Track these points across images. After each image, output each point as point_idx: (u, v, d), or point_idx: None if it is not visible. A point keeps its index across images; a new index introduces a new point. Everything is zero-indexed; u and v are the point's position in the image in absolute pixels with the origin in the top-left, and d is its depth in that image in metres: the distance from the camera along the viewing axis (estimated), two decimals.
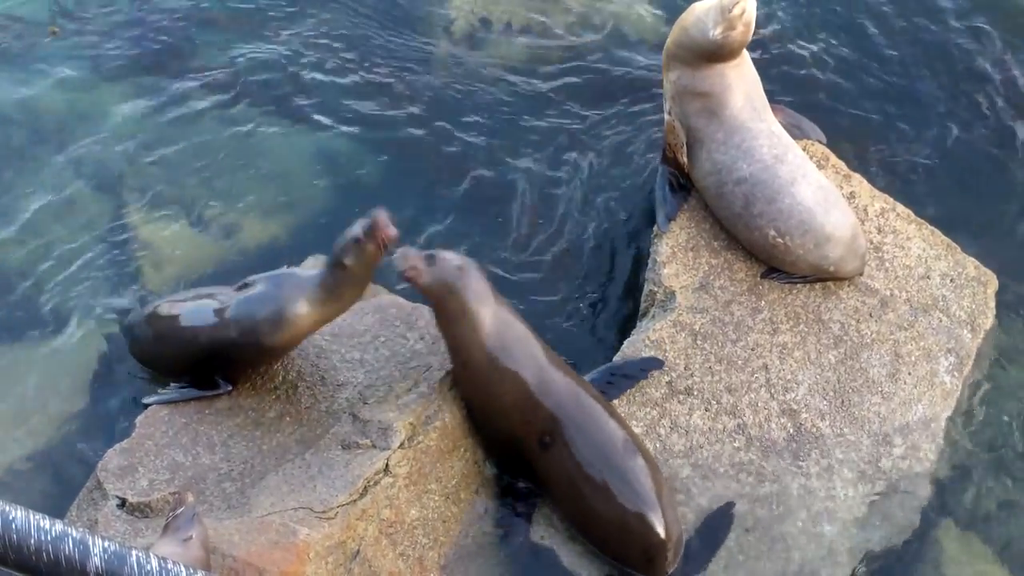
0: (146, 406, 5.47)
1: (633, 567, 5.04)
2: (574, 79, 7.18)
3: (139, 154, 6.83)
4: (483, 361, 5.13)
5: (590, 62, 7.28)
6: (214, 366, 5.46)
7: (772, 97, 5.90)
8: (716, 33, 5.50)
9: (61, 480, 5.50)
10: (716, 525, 5.16)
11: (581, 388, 5.17)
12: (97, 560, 2.12)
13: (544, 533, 5.17)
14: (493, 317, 5.14)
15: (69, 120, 6.99)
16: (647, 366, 5.47)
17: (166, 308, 5.64)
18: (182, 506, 4.50)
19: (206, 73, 7.23)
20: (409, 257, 5.10)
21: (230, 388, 5.48)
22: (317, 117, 7.03)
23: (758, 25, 5.86)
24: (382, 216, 5.02)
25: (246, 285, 5.44)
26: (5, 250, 6.42)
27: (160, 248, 6.41)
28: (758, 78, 5.80)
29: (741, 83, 5.70)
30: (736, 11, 5.42)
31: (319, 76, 7.23)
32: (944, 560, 5.34)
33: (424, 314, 5.69)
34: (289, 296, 5.23)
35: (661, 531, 4.94)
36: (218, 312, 5.41)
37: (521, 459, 5.22)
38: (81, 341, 6.01)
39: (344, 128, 6.99)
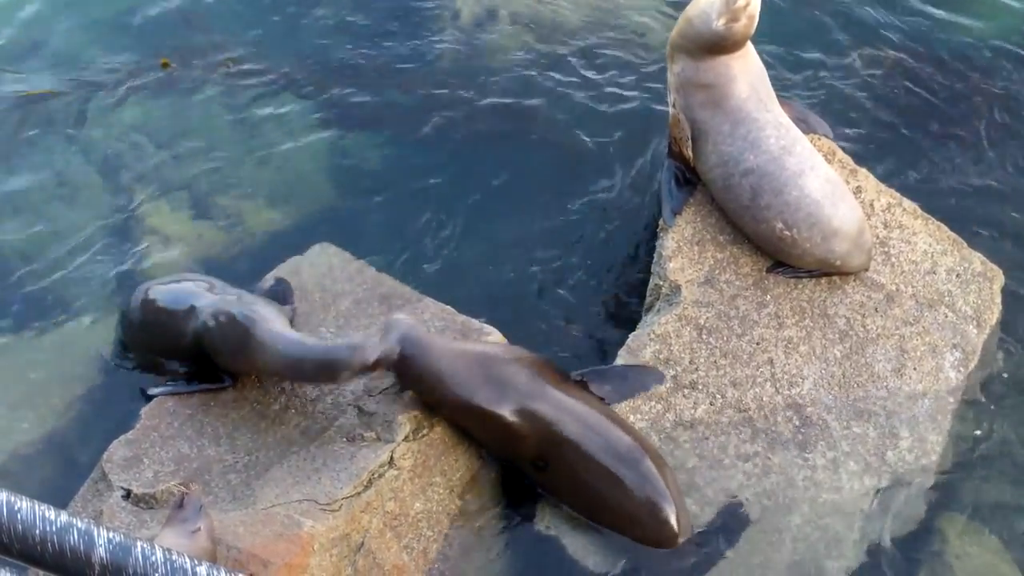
0: (151, 397, 5.49)
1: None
2: (578, 72, 7.18)
3: (145, 143, 6.85)
4: (455, 406, 5.16)
5: (595, 56, 7.27)
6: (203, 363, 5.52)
7: (777, 93, 5.89)
8: (719, 24, 5.49)
9: (66, 470, 5.51)
10: (727, 525, 5.16)
11: (573, 402, 5.14)
12: (102, 551, 2.12)
13: (549, 523, 5.18)
14: (452, 364, 5.13)
15: (75, 110, 7.00)
16: (652, 379, 5.45)
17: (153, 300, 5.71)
18: (188, 497, 4.50)
19: (212, 64, 7.24)
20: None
21: (232, 382, 5.49)
22: (322, 108, 7.05)
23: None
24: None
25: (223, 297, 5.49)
26: (12, 238, 6.44)
27: (166, 236, 6.42)
28: (764, 69, 5.78)
29: (745, 74, 5.68)
30: (740, 2, 5.41)
31: (325, 68, 7.24)
32: (949, 552, 5.34)
33: (429, 306, 5.70)
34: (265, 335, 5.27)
35: (674, 525, 4.99)
36: (195, 314, 5.46)
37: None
38: (87, 330, 6.02)
39: (349, 118, 7.00)
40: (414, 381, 5.18)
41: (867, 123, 6.94)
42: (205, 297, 5.47)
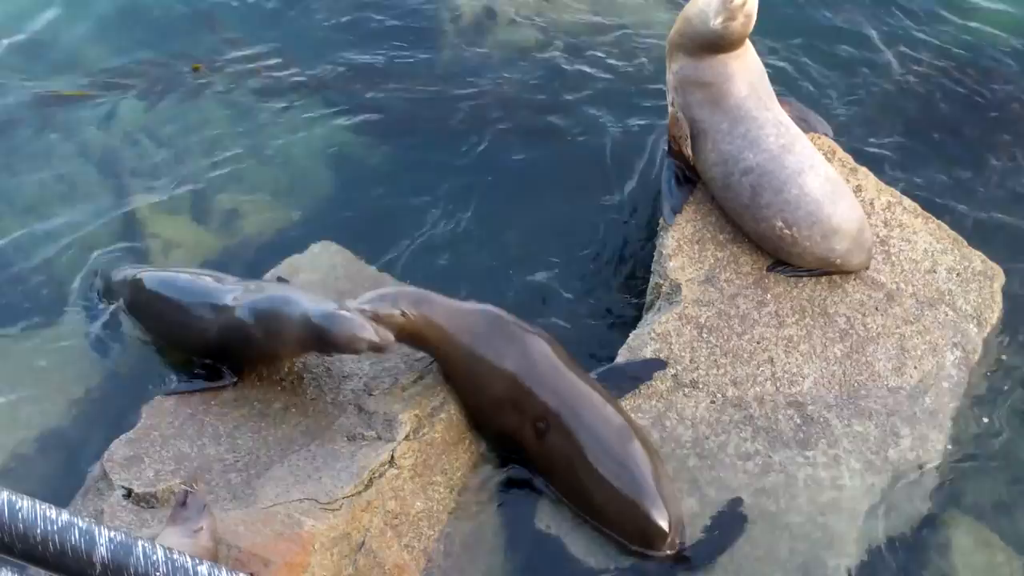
0: (152, 396, 5.49)
1: (634, 545, 5.06)
2: (579, 71, 7.18)
3: (146, 141, 6.85)
4: (465, 355, 5.18)
5: (596, 54, 7.27)
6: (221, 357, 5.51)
7: (777, 92, 5.89)
8: (717, 23, 5.51)
9: (66, 469, 5.50)
10: (726, 524, 5.16)
11: (577, 377, 5.19)
12: (103, 550, 2.12)
13: (549, 521, 5.18)
14: (463, 317, 5.21)
15: (76, 108, 7.01)
16: (652, 368, 5.46)
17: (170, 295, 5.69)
18: (192, 496, 4.50)
19: (212, 61, 7.24)
20: (367, 332, 5.08)
21: (235, 380, 5.49)
22: (323, 105, 7.07)
23: None
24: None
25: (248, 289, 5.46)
26: (12, 236, 6.44)
27: (167, 233, 6.42)
28: (763, 68, 5.80)
29: (744, 73, 5.69)
30: (737, 2, 5.43)
31: (325, 65, 7.25)
32: (951, 550, 5.34)
33: None
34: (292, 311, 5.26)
35: (662, 522, 4.96)
36: (225, 311, 5.43)
37: (518, 449, 5.26)
38: (88, 329, 6.01)
39: (350, 116, 7.01)
40: (423, 339, 5.24)
41: (869, 123, 6.94)
42: (226, 292, 5.47)
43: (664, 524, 4.96)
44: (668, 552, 4.99)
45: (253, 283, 5.52)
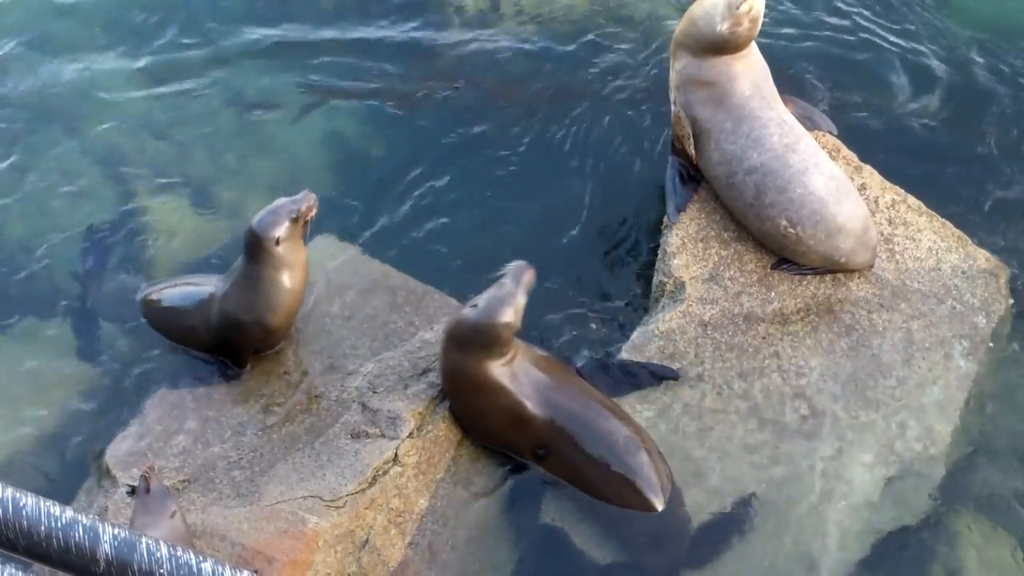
0: (156, 393, 5.50)
1: None
2: (585, 66, 7.17)
3: (148, 135, 6.85)
4: (473, 382, 5.19)
5: (602, 49, 7.26)
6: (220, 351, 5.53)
7: (782, 90, 5.88)
8: (723, 28, 5.52)
9: (70, 466, 5.51)
10: (732, 514, 5.18)
11: (575, 394, 5.21)
12: (107, 547, 2.12)
13: (554, 515, 5.19)
14: (494, 347, 5.16)
15: (79, 102, 7.01)
16: (663, 374, 5.47)
17: (166, 296, 5.77)
18: (151, 480, 4.45)
19: (215, 55, 7.25)
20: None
21: (239, 376, 5.51)
22: (325, 99, 7.04)
23: None
24: (312, 197, 5.39)
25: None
26: (16, 230, 6.44)
27: (168, 229, 6.42)
28: (767, 68, 5.79)
29: (748, 73, 5.69)
30: (744, 8, 5.44)
31: (327, 59, 7.23)
32: (957, 542, 5.33)
33: (435, 298, 5.71)
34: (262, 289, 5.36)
35: (659, 508, 5.06)
36: (208, 303, 5.55)
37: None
38: (90, 324, 6.02)
39: (351, 110, 7.01)
40: (457, 343, 5.18)
41: (873, 120, 6.92)
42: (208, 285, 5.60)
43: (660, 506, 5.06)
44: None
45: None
